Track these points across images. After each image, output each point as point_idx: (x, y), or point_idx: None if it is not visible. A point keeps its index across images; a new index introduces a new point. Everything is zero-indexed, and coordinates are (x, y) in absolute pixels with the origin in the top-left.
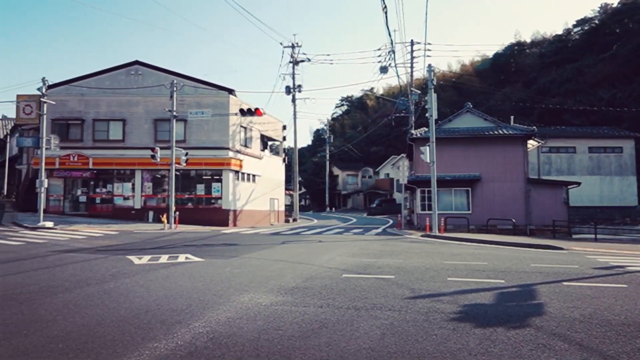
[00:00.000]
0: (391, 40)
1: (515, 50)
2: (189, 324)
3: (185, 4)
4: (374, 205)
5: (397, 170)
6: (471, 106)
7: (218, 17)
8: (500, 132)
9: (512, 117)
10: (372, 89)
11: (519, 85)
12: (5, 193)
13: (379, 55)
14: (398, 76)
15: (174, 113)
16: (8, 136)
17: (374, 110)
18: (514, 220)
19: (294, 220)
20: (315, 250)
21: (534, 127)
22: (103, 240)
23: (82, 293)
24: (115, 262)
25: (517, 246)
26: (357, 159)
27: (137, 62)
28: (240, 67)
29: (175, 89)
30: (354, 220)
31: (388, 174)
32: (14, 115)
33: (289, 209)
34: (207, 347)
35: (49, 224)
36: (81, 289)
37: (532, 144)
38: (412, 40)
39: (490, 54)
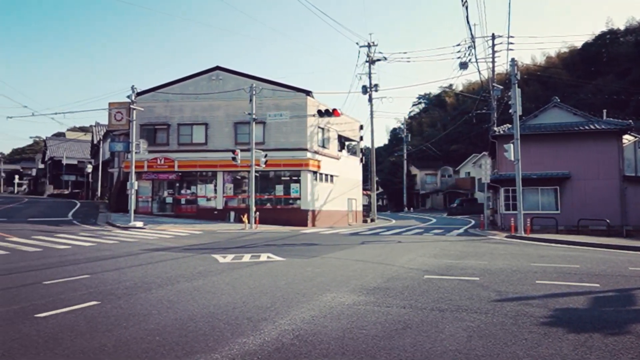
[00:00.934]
0: (471, 34)
1: (607, 39)
2: (275, 321)
3: (260, 8)
4: (454, 205)
5: (478, 168)
6: (558, 100)
7: (292, 20)
8: (592, 127)
9: (604, 111)
10: (450, 85)
11: (612, 77)
12: (99, 195)
13: (458, 51)
14: (479, 72)
15: (253, 116)
16: (101, 141)
17: (453, 108)
18: (608, 221)
19: (372, 220)
20: (395, 250)
21: (630, 120)
22: (189, 239)
23: (174, 289)
24: (201, 260)
25: (612, 248)
26: (435, 157)
27: (217, 68)
28: (316, 69)
29: (254, 92)
30: (434, 220)
31: (469, 173)
32: (106, 122)
33: (366, 209)
34: (294, 344)
35: (139, 223)
36: (172, 285)
37: (628, 139)
38: (493, 34)
39: (578, 44)
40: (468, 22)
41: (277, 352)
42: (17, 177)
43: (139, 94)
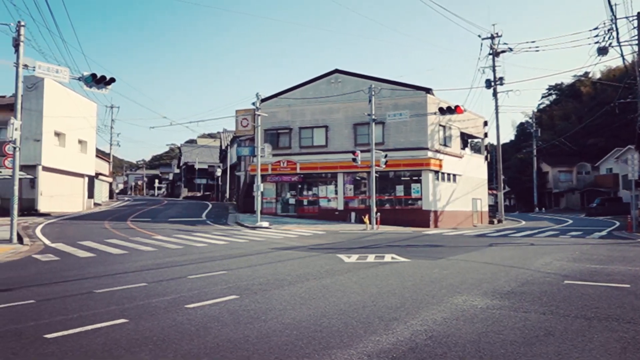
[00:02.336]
0: (612, 15)
1: None
2: (406, 321)
3: (373, 8)
4: (594, 204)
5: (623, 164)
6: None
7: (407, 17)
8: None
9: None
10: (586, 74)
11: None
12: (227, 196)
13: (596, 35)
14: (622, 56)
15: (373, 116)
16: (228, 147)
17: (589, 98)
18: None
19: (499, 221)
20: (528, 253)
21: None
22: (313, 239)
23: (304, 287)
24: (327, 259)
25: None
26: (570, 153)
27: (336, 71)
28: (434, 65)
29: (373, 93)
30: (570, 221)
31: (610, 169)
32: (233, 128)
33: (492, 209)
34: (428, 345)
35: (265, 223)
36: (302, 283)
37: None
38: (638, 13)
39: None
40: (609, 1)
41: (411, 352)
42: (156, 181)
43: (262, 100)
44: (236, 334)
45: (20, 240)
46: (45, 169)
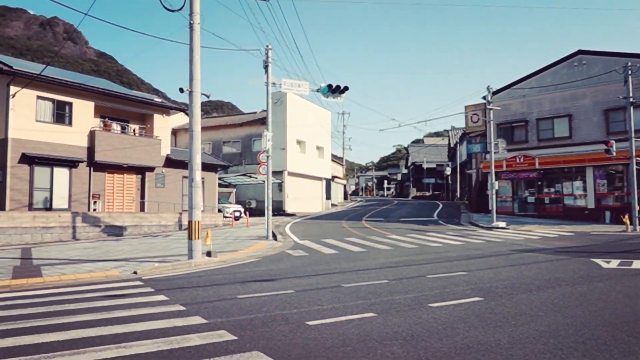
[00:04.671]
0: None
1: None
2: None
3: None
4: None
5: None
6: None
7: None
8: None
9: None
10: None
11: None
12: (458, 196)
13: None
14: None
15: (631, 99)
16: (457, 144)
17: None
18: None
19: None
20: None
21: None
22: (559, 241)
23: (556, 293)
24: (579, 264)
25: None
26: None
27: (579, 52)
28: None
29: (629, 72)
30: None
31: None
32: (461, 125)
33: None
34: None
35: (502, 223)
36: (553, 289)
37: None
38: None
39: None
40: None
41: None
42: (385, 182)
43: (494, 93)
44: (486, 337)
45: (274, 237)
46: (290, 174)
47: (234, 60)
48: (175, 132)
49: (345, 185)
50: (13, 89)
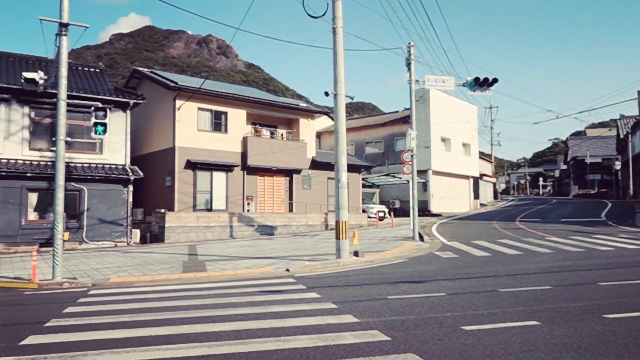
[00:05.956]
0: None
1: None
2: None
3: None
4: None
5: None
6: None
7: None
8: None
9: None
10: None
11: None
12: (631, 193)
13: None
14: None
15: None
16: (629, 134)
17: None
18: None
19: None
20: None
21: None
22: None
23: None
24: None
25: None
26: None
27: None
28: None
29: None
30: None
31: None
32: (633, 113)
33: None
34: None
35: None
36: None
37: None
38: None
39: None
40: None
41: None
42: (540, 179)
43: None
44: None
45: (421, 238)
46: (435, 172)
47: (374, 60)
48: (319, 135)
49: (494, 184)
50: (178, 103)
